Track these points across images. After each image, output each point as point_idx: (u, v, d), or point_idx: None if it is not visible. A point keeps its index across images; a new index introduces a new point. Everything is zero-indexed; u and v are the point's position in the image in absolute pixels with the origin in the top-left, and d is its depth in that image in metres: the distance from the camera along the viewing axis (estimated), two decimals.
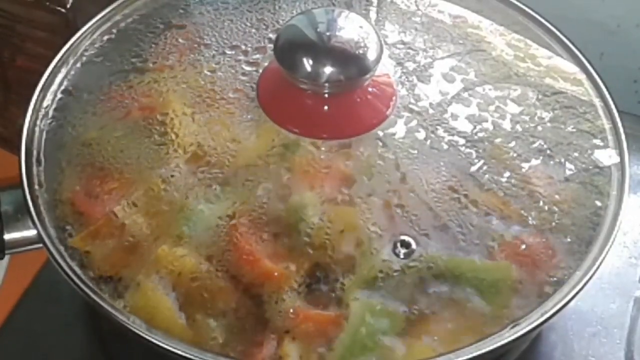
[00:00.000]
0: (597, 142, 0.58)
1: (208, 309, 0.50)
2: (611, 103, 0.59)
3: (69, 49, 0.61)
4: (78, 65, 0.61)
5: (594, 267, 0.51)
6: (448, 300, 0.50)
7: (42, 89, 0.59)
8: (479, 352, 0.48)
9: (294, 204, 0.52)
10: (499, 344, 0.49)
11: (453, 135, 0.56)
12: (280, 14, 0.63)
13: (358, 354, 0.48)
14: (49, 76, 0.60)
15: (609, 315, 0.63)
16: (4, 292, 0.69)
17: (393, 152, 0.55)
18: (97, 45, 0.62)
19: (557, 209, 0.54)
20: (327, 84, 0.54)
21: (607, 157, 0.57)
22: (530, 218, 0.53)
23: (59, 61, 0.61)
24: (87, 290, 0.50)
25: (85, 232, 0.53)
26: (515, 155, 0.56)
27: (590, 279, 0.51)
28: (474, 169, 0.55)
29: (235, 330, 0.49)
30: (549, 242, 0.53)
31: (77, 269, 0.51)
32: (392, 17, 0.64)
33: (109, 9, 0.64)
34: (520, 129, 0.57)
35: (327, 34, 0.55)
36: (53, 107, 0.59)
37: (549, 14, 0.64)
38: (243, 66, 0.59)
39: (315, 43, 0.55)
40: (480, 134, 0.56)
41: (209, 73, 0.59)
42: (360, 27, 0.56)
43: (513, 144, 0.56)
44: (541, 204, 0.54)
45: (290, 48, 0.55)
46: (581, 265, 0.52)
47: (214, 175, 0.54)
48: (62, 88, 0.60)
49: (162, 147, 0.55)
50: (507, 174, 0.55)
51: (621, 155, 0.57)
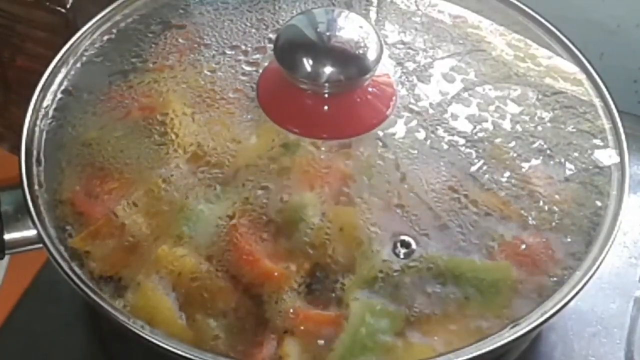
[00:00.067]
0: (597, 142, 0.58)
1: (208, 309, 0.50)
2: (611, 103, 0.59)
3: (69, 49, 0.61)
4: (78, 65, 0.61)
5: (594, 267, 0.51)
6: (448, 300, 0.50)
7: (42, 89, 0.59)
8: (479, 352, 0.48)
9: (294, 204, 0.52)
10: (499, 344, 0.49)
11: (453, 135, 0.56)
12: (280, 14, 0.63)
13: (358, 354, 0.48)
14: (49, 76, 0.60)
15: (609, 315, 0.63)
16: (4, 292, 0.69)
17: (393, 152, 0.55)
18: (97, 45, 0.62)
19: (557, 209, 0.54)
20: (327, 84, 0.54)
21: (607, 157, 0.57)
22: (530, 218, 0.53)
23: (59, 61, 0.61)
24: (87, 290, 0.50)
25: (85, 232, 0.53)
26: (515, 155, 0.56)
27: (590, 279, 0.51)
28: (474, 169, 0.55)
29: (235, 330, 0.49)
30: (549, 242, 0.53)
31: (77, 269, 0.51)
32: (392, 17, 0.64)
33: (109, 9, 0.64)
34: (520, 129, 0.57)
35: (327, 34, 0.55)
36: (53, 107, 0.59)
37: (549, 14, 0.64)
38: (243, 66, 0.59)
39: (315, 43, 0.55)
40: (480, 134, 0.56)
41: (209, 73, 0.59)
42: (360, 27, 0.56)
43: (513, 144, 0.56)
44: (541, 204, 0.54)
45: (290, 48, 0.55)
46: (581, 265, 0.52)
47: (214, 175, 0.54)
48: (62, 88, 0.60)
49: (162, 147, 0.55)
50: (507, 174, 0.55)
51: (621, 155, 0.57)
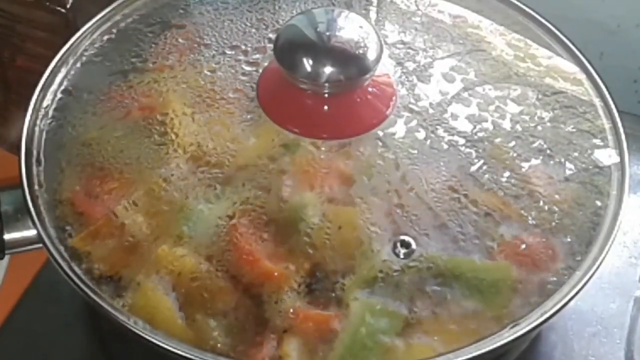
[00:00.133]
0: (597, 142, 0.58)
1: (208, 309, 0.50)
2: (611, 103, 0.59)
3: (69, 49, 0.61)
4: (78, 65, 0.61)
5: (594, 267, 0.51)
6: (448, 300, 0.50)
7: (42, 89, 0.59)
8: (479, 352, 0.48)
9: (294, 204, 0.52)
10: (498, 344, 0.49)
11: (453, 135, 0.56)
12: (280, 14, 0.63)
13: (358, 354, 0.48)
14: (49, 76, 0.60)
15: (609, 315, 0.63)
16: (4, 292, 0.69)
17: (393, 152, 0.55)
18: (97, 45, 0.62)
19: (557, 209, 0.54)
20: (327, 84, 0.54)
21: (607, 157, 0.57)
22: (530, 218, 0.53)
23: (58, 61, 0.61)
24: (87, 290, 0.50)
25: (85, 232, 0.53)
26: (515, 155, 0.56)
27: (590, 279, 0.51)
28: (474, 169, 0.55)
29: (235, 330, 0.49)
30: (549, 242, 0.53)
31: (77, 269, 0.51)
32: (392, 17, 0.64)
33: (109, 9, 0.64)
34: (520, 129, 0.57)
35: (327, 34, 0.55)
36: (53, 107, 0.59)
37: (549, 14, 0.64)
38: (243, 66, 0.59)
39: (315, 43, 0.54)
40: (480, 134, 0.56)
41: (209, 73, 0.59)
42: (360, 27, 0.56)
43: (513, 143, 0.56)
44: (541, 203, 0.54)
45: (290, 48, 0.55)
46: (581, 265, 0.52)
47: (214, 175, 0.54)
48: (62, 88, 0.60)
49: (162, 147, 0.55)
50: (507, 174, 0.55)
51: (621, 155, 0.57)
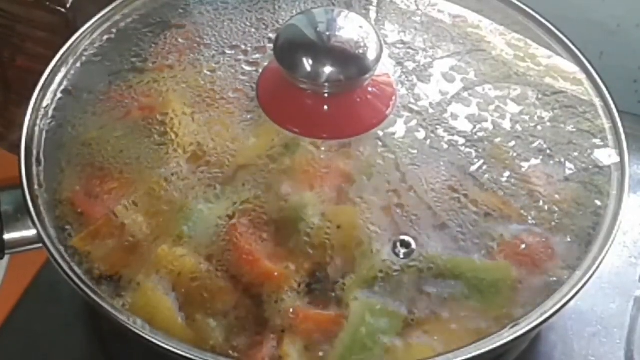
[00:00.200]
0: (597, 141, 0.58)
1: (208, 309, 0.50)
2: (611, 103, 0.59)
3: (68, 48, 0.61)
4: (78, 65, 0.61)
5: (594, 267, 0.51)
6: (448, 300, 0.50)
7: (42, 89, 0.59)
8: (479, 352, 0.48)
9: (294, 204, 0.52)
10: (498, 344, 0.49)
11: (453, 135, 0.56)
12: (280, 14, 0.63)
13: (358, 354, 0.48)
14: (48, 76, 0.60)
15: (609, 315, 0.63)
16: (4, 292, 0.68)
17: (393, 152, 0.55)
18: (96, 45, 0.62)
19: (557, 209, 0.54)
20: (327, 84, 0.54)
21: (607, 156, 0.57)
22: (530, 218, 0.53)
23: (58, 61, 0.61)
24: (87, 290, 0.50)
25: (85, 232, 0.53)
26: (515, 155, 0.56)
27: (590, 278, 0.51)
28: (474, 168, 0.55)
29: (235, 330, 0.49)
30: (549, 242, 0.53)
31: (77, 269, 0.51)
32: (392, 17, 0.64)
33: (108, 9, 0.64)
34: (520, 129, 0.57)
35: (327, 33, 0.55)
36: (53, 106, 0.59)
37: (549, 14, 0.64)
38: (243, 66, 0.59)
39: (315, 43, 0.54)
40: (480, 134, 0.56)
41: (209, 73, 0.59)
42: (360, 27, 0.56)
43: (513, 143, 0.56)
44: (541, 203, 0.54)
45: (290, 48, 0.55)
46: (581, 265, 0.52)
47: (214, 175, 0.54)
48: (62, 88, 0.60)
49: (162, 147, 0.55)
50: (507, 174, 0.55)
51: (621, 155, 0.57)
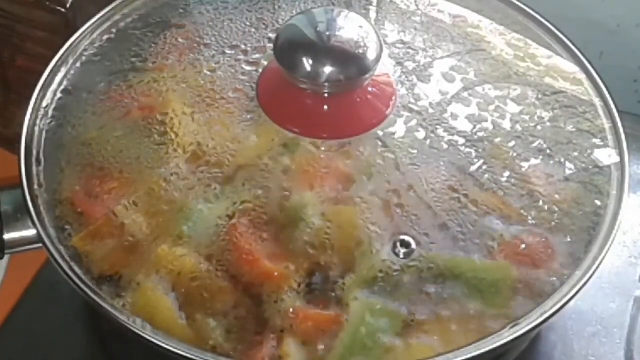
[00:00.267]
0: (597, 141, 0.58)
1: (208, 309, 0.50)
2: (611, 103, 0.59)
3: (68, 48, 0.61)
4: (78, 65, 0.61)
5: (594, 267, 0.51)
6: (448, 300, 0.50)
7: (42, 89, 0.59)
8: (479, 352, 0.48)
9: (294, 204, 0.52)
10: (498, 344, 0.49)
11: (453, 135, 0.56)
12: (280, 14, 0.63)
13: (358, 354, 0.48)
14: (48, 76, 0.60)
15: (609, 315, 0.63)
16: (4, 292, 0.68)
17: (393, 152, 0.55)
18: (96, 45, 0.62)
19: (557, 209, 0.54)
20: (327, 84, 0.54)
21: (607, 156, 0.57)
22: (530, 218, 0.53)
23: (58, 61, 0.61)
24: (87, 290, 0.50)
25: (85, 232, 0.53)
26: (515, 155, 0.56)
27: (590, 278, 0.51)
28: (474, 168, 0.55)
29: (235, 330, 0.49)
30: (549, 241, 0.53)
31: (77, 269, 0.51)
32: (392, 17, 0.64)
33: (108, 8, 0.64)
34: (520, 129, 0.57)
35: (327, 33, 0.55)
36: (53, 106, 0.59)
37: (549, 14, 0.64)
38: (243, 66, 0.59)
39: (315, 43, 0.54)
40: (480, 134, 0.56)
41: (209, 73, 0.59)
42: (360, 27, 0.56)
43: (513, 143, 0.56)
44: (541, 203, 0.54)
45: (290, 48, 0.55)
46: (581, 265, 0.52)
47: (214, 175, 0.54)
48: (62, 88, 0.60)
49: (162, 147, 0.55)
50: (507, 174, 0.55)
51: (621, 155, 0.57)
